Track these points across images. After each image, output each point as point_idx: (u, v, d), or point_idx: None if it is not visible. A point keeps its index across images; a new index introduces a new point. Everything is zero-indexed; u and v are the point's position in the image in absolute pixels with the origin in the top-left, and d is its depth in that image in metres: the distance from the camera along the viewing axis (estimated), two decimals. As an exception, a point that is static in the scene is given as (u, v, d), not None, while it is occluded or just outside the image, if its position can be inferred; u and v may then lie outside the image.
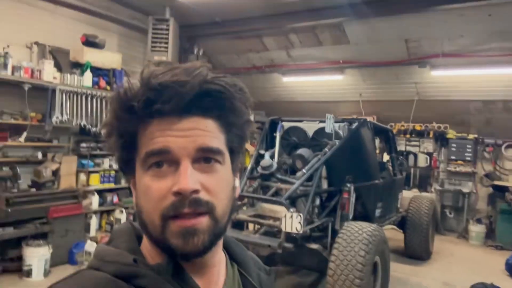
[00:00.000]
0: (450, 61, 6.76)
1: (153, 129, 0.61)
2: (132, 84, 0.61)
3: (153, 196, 0.60)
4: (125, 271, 0.60)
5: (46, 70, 5.18)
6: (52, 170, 5.22)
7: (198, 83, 0.59)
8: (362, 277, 3.36)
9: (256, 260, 0.85)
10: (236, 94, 0.64)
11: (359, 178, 4.49)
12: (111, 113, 0.63)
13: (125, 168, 0.67)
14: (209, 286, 0.68)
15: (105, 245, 0.68)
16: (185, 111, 0.60)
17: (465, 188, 8.34)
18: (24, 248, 4.64)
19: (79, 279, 0.60)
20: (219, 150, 0.63)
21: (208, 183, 0.61)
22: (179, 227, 0.59)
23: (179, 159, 0.60)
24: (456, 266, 6.14)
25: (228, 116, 0.64)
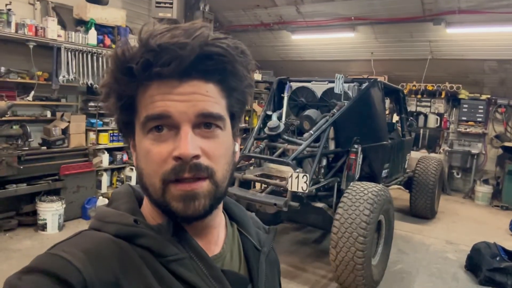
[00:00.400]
0: (467, 18, 6.46)
1: (153, 92, 0.59)
2: (130, 44, 0.59)
3: (153, 160, 0.60)
4: (126, 231, 0.61)
5: (50, 27, 5.08)
6: (62, 128, 5.27)
7: (199, 45, 0.57)
8: (365, 235, 3.43)
9: (255, 220, 0.87)
10: (238, 57, 0.62)
11: (367, 139, 4.46)
12: (109, 74, 0.61)
13: (125, 130, 0.67)
14: (209, 246, 0.69)
15: (106, 207, 0.68)
16: (185, 74, 0.59)
17: (474, 149, 8.28)
18: (38, 204, 4.81)
19: (82, 239, 0.61)
20: (220, 115, 0.62)
21: (208, 149, 0.61)
22: (180, 191, 0.59)
23: (179, 124, 0.59)
24: (461, 226, 6.24)
25: (229, 80, 0.63)
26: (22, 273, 0.53)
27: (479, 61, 7.37)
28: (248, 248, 0.77)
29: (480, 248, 4.47)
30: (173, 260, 0.62)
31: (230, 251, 0.74)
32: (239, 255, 0.76)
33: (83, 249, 0.57)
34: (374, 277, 3.73)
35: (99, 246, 0.59)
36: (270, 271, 0.79)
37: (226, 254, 0.73)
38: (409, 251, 5.00)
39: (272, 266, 0.83)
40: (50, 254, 0.56)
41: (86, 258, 0.55)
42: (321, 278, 4.11)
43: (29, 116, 5.28)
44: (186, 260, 0.63)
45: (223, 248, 0.72)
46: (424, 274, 4.39)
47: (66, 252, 0.56)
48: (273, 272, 0.83)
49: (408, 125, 6.05)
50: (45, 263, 0.54)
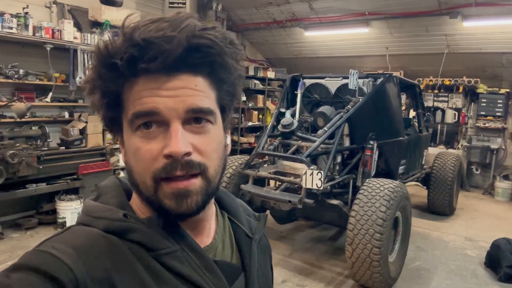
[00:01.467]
0: (483, 10, 6.31)
1: (140, 88, 0.58)
2: (113, 38, 0.57)
3: (143, 158, 0.58)
4: (116, 226, 0.60)
5: (67, 30, 5.18)
6: (79, 129, 5.37)
7: (186, 38, 0.55)
8: (382, 231, 3.39)
9: (245, 207, 0.86)
10: (227, 48, 0.60)
11: (382, 135, 4.41)
12: (93, 69, 0.59)
13: (112, 126, 0.65)
14: (201, 238, 0.69)
15: (93, 201, 0.66)
16: (173, 68, 0.57)
17: (494, 144, 8.09)
18: (57, 202, 4.91)
19: (71, 235, 0.59)
20: (210, 110, 0.60)
21: (200, 144, 0.60)
22: (172, 188, 0.58)
23: (168, 121, 0.58)
24: (480, 222, 6.11)
25: (218, 72, 0.61)
26: (9, 271, 0.51)
27: (497, 54, 7.20)
28: (240, 236, 0.77)
29: (499, 244, 4.37)
30: (165, 254, 0.61)
31: (222, 241, 0.74)
32: (231, 244, 0.75)
33: (73, 246, 0.55)
34: (391, 274, 3.69)
35: (89, 242, 0.57)
36: (262, 258, 0.79)
37: (217, 245, 0.72)
38: (428, 248, 4.93)
39: (264, 253, 0.83)
40: (39, 251, 0.55)
41: (76, 255, 0.54)
42: (337, 275, 4.09)
43: (48, 117, 5.40)
44: (178, 252, 0.62)
45: (214, 238, 0.72)
46: (443, 271, 4.32)
47: (55, 249, 0.54)
48: (265, 258, 0.83)
49: (425, 120, 5.96)
50: (34, 260, 0.53)
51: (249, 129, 9.12)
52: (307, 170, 3.65)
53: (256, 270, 0.74)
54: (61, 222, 4.92)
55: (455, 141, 8.64)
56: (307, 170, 3.64)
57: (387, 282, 3.65)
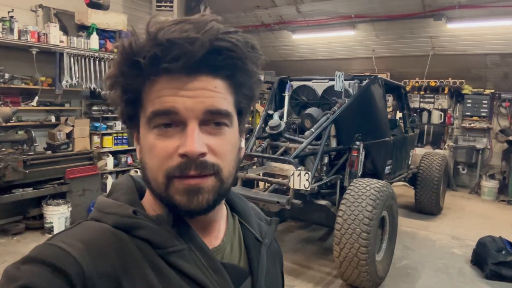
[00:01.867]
0: (467, 12, 6.44)
1: (160, 87, 0.58)
2: (137, 36, 0.57)
3: (158, 155, 0.59)
4: (125, 222, 0.61)
5: (52, 33, 5.15)
6: (66, 133, 5.33)
7: (209, 40, 0.56)
8: (368, 231, 3.43)
9: (257, 211, 0.86)
10: (248, 52, 0.61)
11: (368, 136, 4.46)
12: (116, 66, 0.60)
13: (129, 122, 0.66)
14: (210, 239, 0.69)
15: (105, 197, 0.68)
16: (194, 69, 0.58)
17: (479, 144, 8.24)
18: (44, 207, 4.87)
19: (81, 229, 0.61)
20: (227, 112, 0.61)
21: (215, 146, 0.60)
22: (184, 185, 0.59)
23: (186, 121, 0.58)
24: (466, 221, 6.21)
25: (238, 75, 0.62)
26: (20, 263, 0.53)
27: (482, 55, 7.34)
28: (249, 239, 0.76)
29: (485, 242, 4.45)
30: (172, 252, 0.61)
31: (230, 243, 0.74)
32: (239, 247, 0.75)
33: (82, 240, 0.57)
34: (379, 272, 3.73)
35: (98, 237, 0.58)
36: (271, 262, 0.78)
37: (226, 247, 0.72)
38: (415, 247, 4.99)
39: (274, 257, 0.82)
40: (49, 244, 0.56)
41: (85, 248, 0.55)
42: (326, 275, 4.12)
43: (34, 121, 5.35)
44: (185, 251, 0.62)
45: (223, 240, 0.72)
46: (430, 269, 4.38)
47: (64, 242, 0.56)
48: (275, 263, 0.82)
49: (411, 121, 6.05)
50: (43, 253, 0.54)
51: (239, 132, 9.12)
52: (294, 171, 3.68)
53: (264, 274, 0.73)
54: (48, 227, 4.87)
55: (441, 142, 8.76)
56: (295, 171, 3.67)
57: (375, 281, 3.68)
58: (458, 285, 4.06)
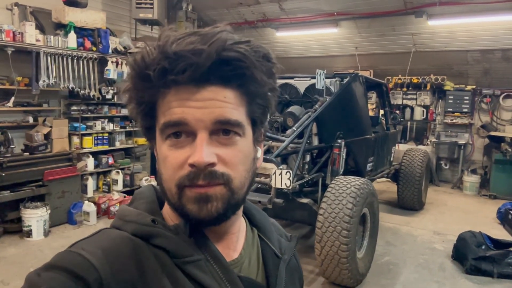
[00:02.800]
0: (447, 9, 6.50)
1: (171, 99, 0.60)
2: (149, 50, 0.59)
3: (170, 165, 0.61)
4: (143, 230, 0.62)
5: (28, 32, 5.01)
6: (44, 134, 5.22)
7: (216, 52, 0.57)
8: (349, 228, 3.44)
9: (278, 227, 0.86)
10: (257, 61, 0.61)
11: (350, 134, 4.48)
12: (130, 79, 0.62)
13: (147, 134, 0.67)
14: (228, 251, 0.69)
15: (127, 206, 0.70)
16: (203, 80, 0.58)
17: (461, 139, 8.36)
18: (22, 210, 4.77)
19: (101, 237, 0.62)
20: (238, 122, 0.61)
21: (226, 156, 0.60)
22: (194, 193, 0.60)
23: (196, 131, 0.59)
24: (449, 216, 6.29)
25: (249, 85, 0.62)
26: (42, 270, 0.55)
27: (462, 52, 7.43)
28: (268, 254, 0.76)
29: (465, 237, 4.51)
30: (189, 262, 0.62)
31: (249, 257, 0.73)
32: (257, 261, 0.75)
33: (102, 247, 0.58)
34: (360, 270, 3.74)
35: (117, 244, 0.60)
36: (289, 279, 0.78)
37: (244, 260, 0.72)
38: (397, 243, 5.03)
39: (293, 275, 0.82)
40: (69, 251, 0.58)
41: (104, 256, 0.57)
42: (308, 274, 4.12)
43: (11, 122, 5.21)
44: (202, 262, 0.63)
45: (241, 253, 0.72)
46: (412, 265, 4.42)
47: (85, 250, 0.57)
48: (293, 280, 0.82)
49: (392, 118, 6.09)
50: (63, 260, 0.56)
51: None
52: (276, 170, 3.66)
53: None
54: (27, 230, 4.77)
55: (424, 138, 8.86)
56: (276, 170, 3.65)
57: (356, 278, 3.70)
58: (438, 280, 4.10)
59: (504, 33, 6.63)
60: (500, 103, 8.04)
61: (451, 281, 4.10)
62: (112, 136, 6.32)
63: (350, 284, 3.69)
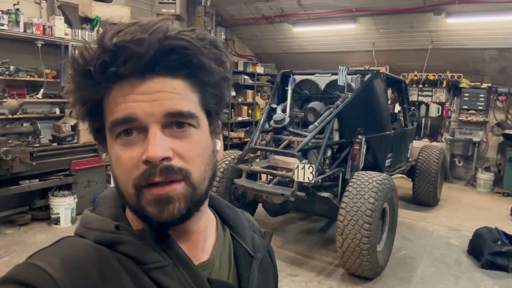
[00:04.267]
0: (466, 7, 6.52)
1: (116, 95, 0.56)
2: (88, 46, 0.56)
3: (124, 166, 0.57)
4: (106, 238, 0.60)
5: (57, 26, 5.17)
6: (71, 125, 5.39)
7: (157, 40, 0.54)
8: (371, 222, 3.55)
9: (252, 223, 0.84)
10: (205, 49, 0.58)
11: (370, 130, 4.56)
12: (71, 79, 0.58)
13: (97, 137, 0.63)
14: (196, 252, 0.67)
15: (90, 211, 0.67)
16: (148, 71, 0.55)
17: (476, 137, 8.38)
18: (51, 198, 4.95)
19: (62, 246, 0.59)
20: (190, 113, 0.58)
21: (181, 149, 0.57)
22: (153, 195, 0.57)
23: (147, 126, 0.56)
24: (463, 212, 6.36)
25: (198, 74, 0.59)
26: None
27: (479, 50, 7.44)
28: (240, 254, 0.74)
29: (482, 233, 4.59)
30: (155, 268, 0.59)
31: (220, 258, 0.71)
32: (229, 261, 0.72)
33: (61, 257, 0.55)
34: (380, 262, 3.86)
35: (78, 253, 0.57)
36: (263, 278, 0.76)
37: (215, 261, 0.69)
38: (413, 238, 5.14)
39: (266, 273, 0.79)
40: (27, 263, 0.55)
41: (63, 266, 0.53)
42: (327, 265, 4.25)
43: (39, 114, 5.39)
44: (169, 268, 0.60)
45: (212, 254, 0.70)
46: (428, 259, 4.53)
47: (42, 260, 0.54)
48: (267, 278, 0.79)
49: (410, 115, 6.15)
50: (19, 273, 0.53)
51: (239, 124, 9.21)
52: (299, 164, 3.78)
53: None
54: (55, 218, 4.96)
55: (438, 134, 8.90)
56: (299, 164, 3.77)
57: (376, 270, 3.82)
58: (455, 274, 4.20)
59: (523, 31, 6.63)
60: (516, 101, 8.04)
61: (467, 275, 4.20)
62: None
63: (370, 275, 3.82)
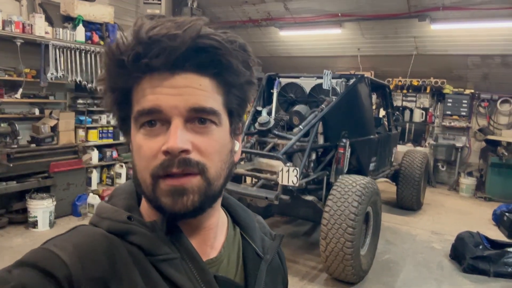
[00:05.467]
0: (450, 14, 6.62)
1: (145, 86, 0.58)
2: (124, 37, 0.58)
3: (144, 155, 0.59)
4: (118, 227, 0.61)
5: (38, 24, 5.04)
6: (51, 126, 5.25)
7: (190, 38, 0.56)
8: (354, 226, 3.53)
9: (263, 225, 0.84)
10: (234, 51, 0.60)
11: (354, 134, 4.57)
12: (104, 68, 0.61)
13: (122, 126, 0.65)
14: (205, 248, 0.68)
15: (105, 202, 0.69)
16: (178, 66, 0.57)
17: (459, 142, 8.50)
18: (28, 201, 4.80)
19: (75, 234, 0.61)
20: (213, 110, 0.60)
21: (201, 144, 0.59)
22: (168, 185, 0.58)
23: (170, 118, 0.58)
24: (445, 217, 6.42)
25: (225, 74, 0.61)
26: (12, 267, 0.54)
27: (463, 56, 7.56)
28: (249, 254, 0.74)
29: (463, 237, 4.63)
30: (163, 260, 0.61)
31: (228, 256, 0.72)
32: (237, 260, 0.73)
33: (74, 244, 0.57)
34: (363, 266, 3.84)
35: (90, 241, 0.58)
36: (270, 279, 0.76)
37: (223, 259, 0.70)
38: (396, 242, 5.15)
39: (275, 274, 0.80)
40: (41, 248, 0.57)
41: (75, 252, 0.55)
42: (311, 270, 4.21)
43: (17, 114, 5.24)
44: (176, 260, 0.62)
45: (220, 252, 0.70)
46: (411, 263, 4.53)
47: (56, 246, 0.56)
48: (275, 280, 0.80)
49: (394, 119, 6.20)
50: (34, 257, 0.55)
51: (224, 127, 9.14)
52: (283, 167, 3.74)
53: None
54: (32, 221, 4.81)
55: (422, 140, 9.00)
56: (284, 167, 3.73)
57: (359, 274, 3.80)
58: (437, 278, 4.22)
59: (504, 39, 6.76)
60: (497, 107, 8.18)
61: (449, 279, 4.22)
62: (117, 130, 6.35)
63: (353, 280, 3.79)
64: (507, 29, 6.52)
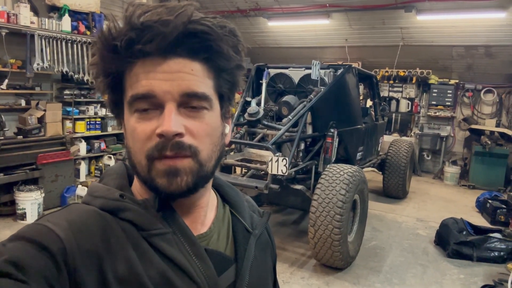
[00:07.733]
0: (436, 5, 6.71)
1: (138, 71, 0.60)
2: (116, 23, 0.59)
3: (139, 138, 0.61)
4: (111, 205, 0.63)
5: (23, 14, 4.95)
6: (37, 117, 5.20)
7: (182, 23, 0.58)
8: (342, 213, 3.61)
9: (251, 204, 0.87)
10: (224, 36, 0.62)
11: (342, 124, 4.63)
12: (97, 52, 0.62)
13: (115, 109, 0.67)
14: (195, 225, 0.70)
15: (97, 182, 0.71)
16: (170, 51, 0.59)
17: (444, 132, 8.68)
18: (16, 193, 4.77)
19: (69, 210, 0.63)
20: (205, 95, 0.62)
21: (193, 127, 0.61)
22: (163, 165, 0.60)
23: (163, 103, 0.59)
24: (430, 204, 6.58)
25: (215, 59, 0.62)
26: (7, 241, 0.56)
27: (448, 47, 7.69)
28: (238, 229, 0.77)
29: (448, 223, 4.77)
30: (155, 234, 0.63)
31: (218, 232, 0.74)
32: (227, 235, 0.76)
33: (68, 220, 0.59)
34: (350, 252, 3.94)
35: (83, 217, 0.60)
36: (259, 253, 0.79)
37: (213, 234, 0.73)
38: (383, 229, 5.27)
39: (264, 249, 0.83)
40: (36, 224, 0.59)
41: (69, 228, 0.57)
42: (300, 256, 4.30)
43: (3, 105, 5.17)
44: (168, 235, 0.64)
45: (210, 228, 0.73)
46: (397, 249, 4.66)
47: (50, 221, 0.58)
48: (264, 254, 0.83)
49: (381, 109, 6.29)
50: (29, 232, 0.56)
51: (213, 118, 9.14)
52: (273, 157, 3.79)
53: (250, 263, 0.74)
54: (21, 213, 4.78)
55: (408, 129, 9.16)
56: (273, 157, 3.78)
57: (347, 260, 3.90)
58: (422, 263, 4.35)
59: (487, 30, 6.89)
60: (481, 97, 8.36)
61: (434, 264, 4.36)
62: (105, 122, 6.33)
63: (340, 265, 3.89)
64: (490, 20, 6.64)
